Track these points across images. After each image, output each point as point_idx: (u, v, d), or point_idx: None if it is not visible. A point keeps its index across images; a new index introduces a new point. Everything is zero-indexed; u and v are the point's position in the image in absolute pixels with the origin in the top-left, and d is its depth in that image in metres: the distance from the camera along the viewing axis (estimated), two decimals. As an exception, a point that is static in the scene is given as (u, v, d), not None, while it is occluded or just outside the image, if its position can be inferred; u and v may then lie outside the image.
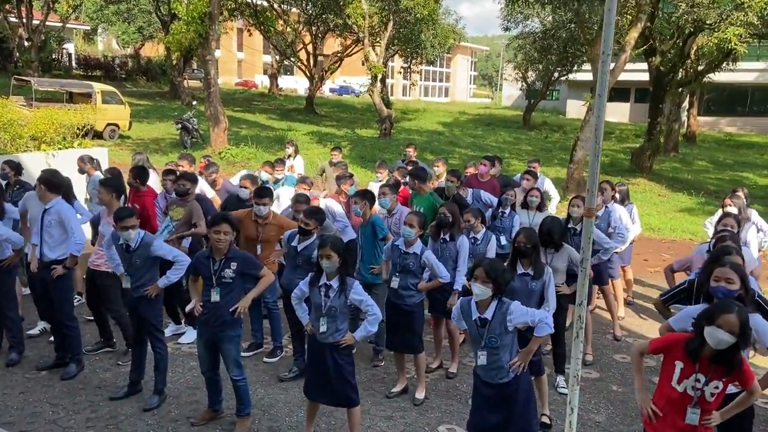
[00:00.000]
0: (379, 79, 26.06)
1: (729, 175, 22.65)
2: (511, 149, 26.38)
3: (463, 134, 31.75)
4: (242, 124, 26.35)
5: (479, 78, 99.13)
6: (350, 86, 59.79)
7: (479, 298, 3.91)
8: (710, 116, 38.64)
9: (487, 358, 3.97)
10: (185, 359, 6.29)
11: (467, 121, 39.13)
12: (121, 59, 47.95)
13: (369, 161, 20.30)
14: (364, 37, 25.70)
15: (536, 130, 34.80)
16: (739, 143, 33.02)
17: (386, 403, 5.54)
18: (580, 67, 32.98)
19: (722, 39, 15.45)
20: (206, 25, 17.79)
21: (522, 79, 37.72)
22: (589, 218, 3.21)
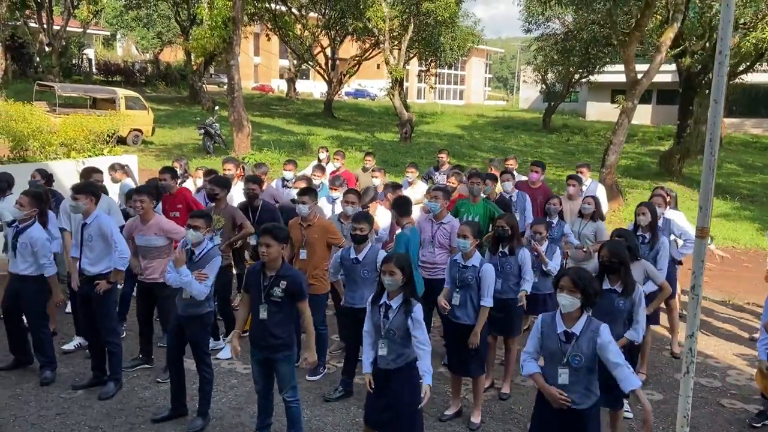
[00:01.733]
0: (398, 83, 25.78)
1: (760, 178, 22.12)
2: (533, 152, 25.96)
3: (483, 137, 31.39)
4: (263, 129, 26.16)
5: (494, 80, 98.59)
6: (365, 90, 59.62)
7: (567, 309, 3.60)
8: (735, 118, 37.93)
9: (569, 377, 3.64)
10: (225, 377, 6.00)
11: (486, 124, 38.77)
12: (141, 64, 48.06)
13: (392, 166, 19.99)
14: (384, 41, 25.44)
15: (556, 132, 34.37)
16: (766, 145, 32.39)
17: (439, 427, 5.21)
18: (602, 68, 32.52)
19: (760, 39, 15.02)
20: (230, 30, 17.58)
21: (542, 81, 37.30)
22: (702, 238, 2.88)
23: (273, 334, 4.45)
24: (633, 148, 28.20)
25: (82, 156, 8.71)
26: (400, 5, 26.26)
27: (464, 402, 5.50)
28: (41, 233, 5.52)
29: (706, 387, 6.24)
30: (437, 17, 25.60)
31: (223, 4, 17.47)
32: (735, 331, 7.86)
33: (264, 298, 4.45)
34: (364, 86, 59.89)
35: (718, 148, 2.86)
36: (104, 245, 5.44)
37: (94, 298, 5.45)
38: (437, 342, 6.63)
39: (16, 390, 5.61)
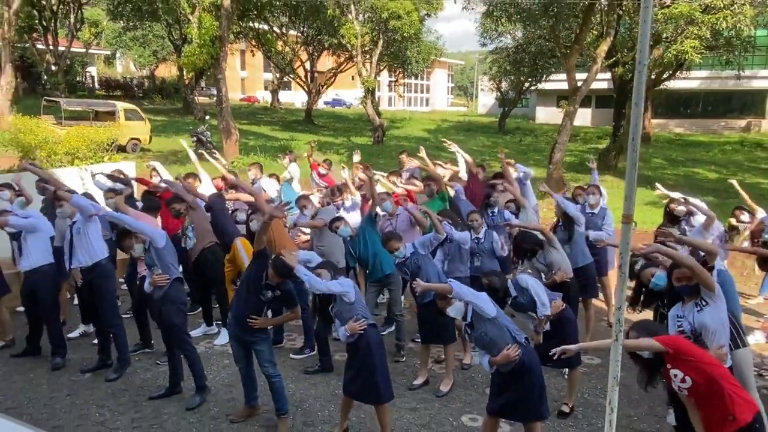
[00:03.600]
0: (370, 92, 25.74)
1: (682, 171, 22.54)
2: (490, 152, 26.09)
3: (447, 139, 31.48)
4: (249, 136, 25.86)
5: (455, 89, 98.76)
6: (342, 99, 59.33)
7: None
8: (660, 119, 38.64)
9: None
10: (219, 358, 5.99)
11: (449, 127, 38.84)
12: (139, 80, 47.23)
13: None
14: (357, 55, 25.34)
15: (510, 134, 34.60)
16: (687, 142, 32.98)
17: (410, 395, 5.27)
18: (548, 77, 32.85)
19: (680, 51, 15.28)
20: (217, 47, 17.37)
21: (497, 89, 37.51)
22: (627, 224, 2.94)
23: (249, 320, 4.44)
24: (576, 146, 28.53)
25: (85, 163, 8.55)
26: (370, 23, 26.16)
27: (431, 374, 5.57)
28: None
29: (638, 352, 6.38)
30: (403, 33, 25.50)
31: (210, 24, 17.26)
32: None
33: (253, 291, 4.43)
34: (340, 96, 59.60)
35: (639, 145, 2.92)
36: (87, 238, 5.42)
37: (95, 288, 5.40)
38: (410, 321, 6.69)
39: (30, 375, 5.54)
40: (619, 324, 3.04)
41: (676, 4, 15.19)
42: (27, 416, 4.77)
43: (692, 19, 15.06)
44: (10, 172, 8.20)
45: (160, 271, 4.86)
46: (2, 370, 5.64)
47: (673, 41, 15.86)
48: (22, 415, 4.74)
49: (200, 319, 6.63)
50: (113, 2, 30.62)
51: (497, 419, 4.11)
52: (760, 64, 37.77)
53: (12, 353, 5.96)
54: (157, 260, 4.86)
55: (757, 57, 35.94)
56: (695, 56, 15.49)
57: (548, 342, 4.37)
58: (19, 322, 6.49)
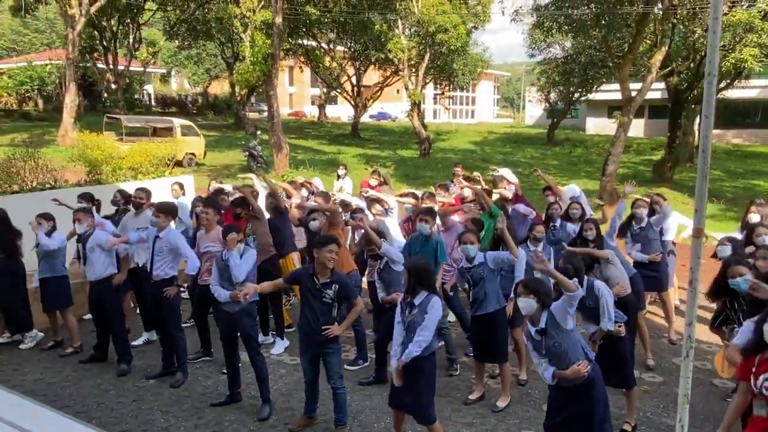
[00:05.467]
0: (417, 105, 25.88)
1: (742, 183, 21.69)
2: (539, 164, 25.76)
3: (494, 151, 31.28)
4: (298, 150, 26.37)
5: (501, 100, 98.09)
6: (387, 112, 59.78)
7: (526, 312, 3.75)
8: (718, 129, 37.27)
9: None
10: (275, 367, 6.09)
11: (495, 139, 38.59)
12: (193, 96, 48.87)
13: (413, 179, 20.06)
14: (403, 69, 25.56)
15: (560, 146, 34.09)
16: (746, 153, 31.74)
17: (465, 409, 5.24)
18: (599, 88, 32.27)
19: (739, 59, 14.80)
20: (269, 65, 17.84)
21: (545, 99, 37.10)
22: (698, 238, 2.89)
23: (322, 330, 4.48)
24: (629, 158, 27.84)
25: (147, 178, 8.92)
26: (416, 37, 26.38)
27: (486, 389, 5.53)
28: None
29: (701, 369, 6.17)
30: (450, 47, 25.63)
31: (262, 43, 17.77)
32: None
33: (315, 299, 4.50)
34: (385, 109, 60.06)
35: (710, 158, 2.87)
36: (173, 255, 5.61)
37: (163, 299, 5.60)
38: (458, 334, 6.67)
39: (97, 380, 5.77)
40: (690, 341, 2.97)
41: (734, 12, 14.76)
42: (96, 420, 4.97)
43: (751, 26, 14.62)
44: (78, 186, 8.60)
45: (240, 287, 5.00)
46: (71, 375, 5.90)
47: (731, 49, 15.40)
48: (91, 419, 4.94)
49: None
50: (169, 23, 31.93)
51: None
52: (826, 72, 36.07)
53: (80, 359, 6.23)
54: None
55: (822, 63, 34.38)
56: (755, 64, 14.99)
57: (600, 356, 4.27)
58: (86, 329, 6.79)
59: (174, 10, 30.29)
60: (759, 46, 14.94)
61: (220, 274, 5.13)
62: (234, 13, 21.66)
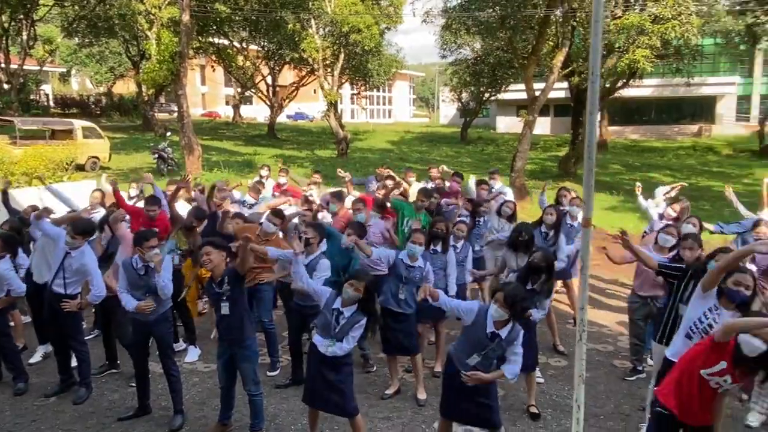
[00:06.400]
0: (333, 105, 25.85)
1: (639, 176, 23.22)
2: (453, 162, 26.44)
3: (411, 150, 31.77)
4: (212, 151, 25.60)
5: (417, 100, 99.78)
6: (304, 113, 59.31)
7: (495, 318, 3.85)
8: (617, 126, 39.83)
9: (480, 362, 3.95)
10: (188, 375, 5.89)
11: (412, 138, 39.23)
12: (95, 97, 46.29)
13: (331, 179, 20.01)
14: (319, 69, 25.44)
15: (472, 144, 35.17)
16: (643, 148, 34.08)
17: (382, 404, 5.30)
18: (507, 87, 33.53)
19: (632, 60, 15.85)
20: (177, 63, 17.21)
21: (458, 99, 38.11)
22: (586, 228, 3.07)
23: (235, 327, 4.43)
24: (536, 154, 29.17)
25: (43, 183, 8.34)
26: (330, 37, 26.34)
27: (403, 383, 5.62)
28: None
29: (602, 351, 6.58)
30: (364, 47, 25.78)
31: (169, 40, 17.11)
32: (622, 304, 8.28)
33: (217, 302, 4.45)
34: (302, 109, 59.55)
35: (595, 152, 3.06)
36: (80, 275, 5.28)
37: (62, 313, 5.27)
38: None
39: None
40: (583, 324, 3.15)
41: (627, 15, 15.78)
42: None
43: (643, 29, 15.66)
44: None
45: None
46: (-39, 398, 5.45)
47: (625, 51, 16.45)
48: (-16, 444, 4.59)
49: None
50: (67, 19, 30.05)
51: (452, 423, 4.29)
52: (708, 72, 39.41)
53: (-29, 381, 5.76)
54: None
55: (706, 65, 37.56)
56: (646, 65, 16.09)
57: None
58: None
59: (72, 6, 28.53)
60: (650, 48, 16.05)
61: (130, 282, 4.88)
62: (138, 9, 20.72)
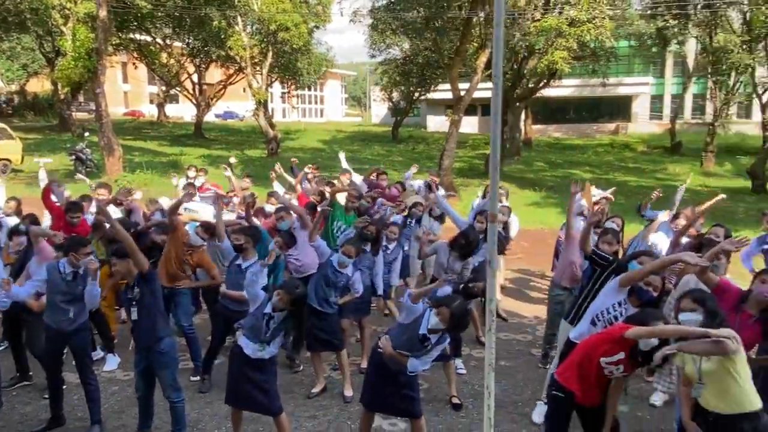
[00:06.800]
0: (262, 104, 25.49)
1: (561, 172, 24.30)
2: (384, 161, 26.70)
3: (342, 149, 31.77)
4: (135, 152, 24.66)
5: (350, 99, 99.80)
6: (234, 112, 58.06)
7: (434, 327, 3.96)
8: (540, 125, 41.38)
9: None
10: (106, 385, 5.69)
11: (344, 138, 39.20)
12: (7, 95, 43.50)
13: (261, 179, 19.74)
14: (246, 67, 25.01)
15: (404, 143, 35.58)
16: (565, 146, 35.58)
17: (308, 403, 5.33)
18: (436, 87, 34.14)
19: (551, 61, 16.53)
20: (94, 60, 16.48)
21: (388, 99, 38.43)
22: (492, 223, 3.21)
23: (147, 331, 4.36)
24: (465, 153, 29.88)
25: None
26: (258, 35, 25.94)
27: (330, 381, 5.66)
28: None
29: (522, 341, 6.86)
30: (293, 45, 25.53)
31: (85, 37, 16.36)
32: (543, 295, 8.66)
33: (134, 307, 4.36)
34: (231, 108, 58.24)
35: (499, 150, 3.19)
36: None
37: None
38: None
39: None
40: (492, 315, 3.29)
41: (545, 18, 16.44)
42: None
43: (561, 31, 16.37)
44: None
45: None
46: None
47: (544, 52, 17.14)
48: None
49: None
50: (-28, 13, 28.07)
51: (374, 414, 4.44)
52: (624, 73, 41.58)
53: None
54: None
55: (621, 66, 39.62)
56: (564, 66, 16.84)
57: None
58: None
59: (-23, -2, 26.67)
60: (567, 50, 16.81)
61: (52, 287, 4.62)
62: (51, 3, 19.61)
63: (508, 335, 6.98)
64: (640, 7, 24.49)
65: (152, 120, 44.36)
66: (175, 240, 5.78)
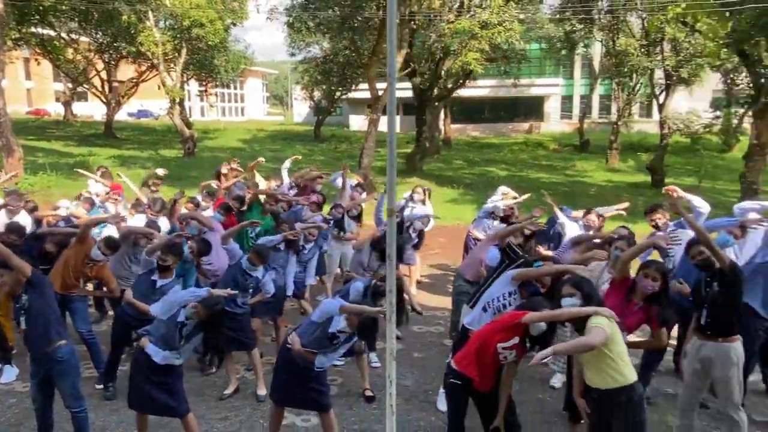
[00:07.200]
0: (177, 102, 24.68)
1: (479, 170, 25.08)
2: (307, 160, 26.49)
3: (263, 149, 31.26)
4: (38, 153, 23.20)
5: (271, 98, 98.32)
6: (148, 110, 55.78)
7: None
8: (459, 124, 42.49)
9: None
10: (3, 397, 5.42)
11: (265, 137, 38.65)
12: None
13: (176, 180, 19.15)
14: (159, 64, 24.14)
15: (326, 142, 35.50)
16: (482, 144, 36.72)
17: (220, 405, 5.28)
18: (357, 86, 34.32)
19: (464, 62, 17.06)
20: (-12, 55, 15.39)
21: (310, 98, 38.21)
22: (390, 217, 3.32)
23: (37, 338, 4.19)
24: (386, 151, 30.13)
25: None
26: (171, 30, 25.08)
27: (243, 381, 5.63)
28: None
29: (435, 333, 7.09)
30: (208, 42, 24.86)
31: (-22, 30, 15.24)
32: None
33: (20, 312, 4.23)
34: (146, 107, 55.91)
35: (395, 147, 3.31)
36: None
37: None
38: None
39: None
40: (392, 306, 3.41)
41: (459, 20, 16.94)
42: None
43: (473, 33, 16.92)
44: None
45: None
46: None
47: (459, 54, 17.66)
48: None
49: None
50: None
51: (284, 409, 4.54)
52: (536, 74, 43.41)
53: None
54: None
55: (534, 67, 41.33)
56: (477, 67, 17.43)
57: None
58: None
59: None
60: (480, 51, 17.41)
61: None
62: (-62, -7, 18.12)
63: (422, 328, 7.19)
64: (549, 11, 25.70)
65: (58, 119, 41.89)
66: (78, 252, 5.57)
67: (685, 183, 22.17)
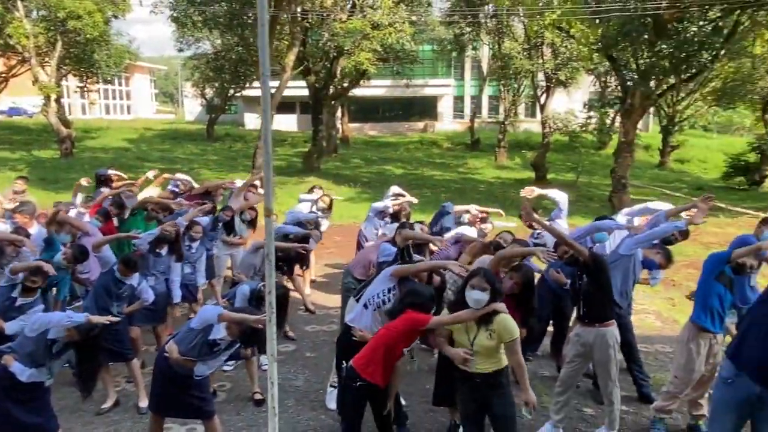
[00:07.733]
0: (53, 99, 22.88)
1: (376, 168, 25.41)
2: (199, 160, 25.64)
3: (151, 149, 29.79)
4: None
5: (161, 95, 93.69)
6: (21, 107, 51.24)
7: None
8: (357, 123, 42.79)
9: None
10: None
11: (153, 136, 36.78)
12: None
13: (52, 182, 17.81)
14: (31, 58, 22.26)
15: (220, 141, 34.41)
16: (379, 143, 37.21)
17: (98, 420, 4.98)
18: (251, 84, 33.56)
19: (357, 61, 17.21)
20: None
21: (201, 95, 36.84)
22: (268, 217, 3.29)
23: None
24: (285, 151, 29.81)
25: None
26: (44, 22, 23.19)
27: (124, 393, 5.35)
28: None
29: (327, 332, 7.11)
30: (86, 35, 23.25)
31: None
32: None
33: None
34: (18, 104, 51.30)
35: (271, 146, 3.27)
36: None
37: None
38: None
39: None
40: (271, 307, 3.38)
41: (351, 20, 17.05)
42: None
43: (365, 33, 17.11)
44: None
45: None
46: None
47: (352, 53, 17.78)
48: None
49: None
50: None
51: (164, 419, 4.41)
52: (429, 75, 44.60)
53: None
54: None
55: (427, 68, 42.47)
56: (370, 67, 17.66)
57: None
58: None
59: None
60: (372, 51, 17.63)
61: None
62: None
63: (315, 327, 7.18)
64: (439, 14, 26.51)
65: None
66: None
67: (565, 178, 23.81)
